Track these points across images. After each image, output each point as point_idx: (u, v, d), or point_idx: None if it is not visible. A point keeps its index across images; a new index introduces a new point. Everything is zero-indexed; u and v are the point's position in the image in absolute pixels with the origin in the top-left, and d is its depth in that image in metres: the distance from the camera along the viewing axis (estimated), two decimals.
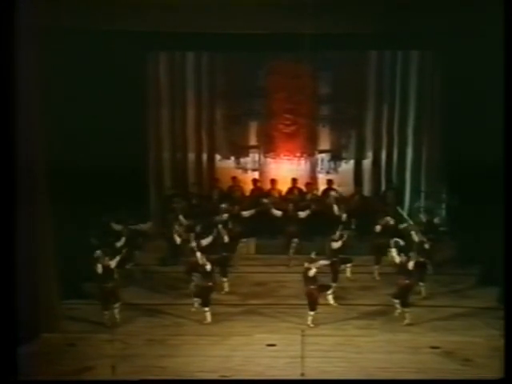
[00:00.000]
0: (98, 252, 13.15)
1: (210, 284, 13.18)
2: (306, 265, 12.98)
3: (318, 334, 12.44)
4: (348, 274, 14.95)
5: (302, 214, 16.20)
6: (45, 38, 12.25)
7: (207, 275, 13.18)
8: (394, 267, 14.15)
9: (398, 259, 13.20)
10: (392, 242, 13.88)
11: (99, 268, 12.82)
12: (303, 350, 11.46)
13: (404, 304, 13.01)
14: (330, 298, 13.57)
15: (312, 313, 12.81)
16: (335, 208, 16.24)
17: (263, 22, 14.54)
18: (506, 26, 10.58)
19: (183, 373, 11.03)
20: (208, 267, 13.10)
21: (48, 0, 12.17)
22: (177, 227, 15.05)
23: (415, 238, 14.35)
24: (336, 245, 14.24)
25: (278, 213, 16.51)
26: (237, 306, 13.91)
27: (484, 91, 14.16)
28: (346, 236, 14.41)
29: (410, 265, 12.95)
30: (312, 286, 12.85)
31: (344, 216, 15.65)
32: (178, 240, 14.65)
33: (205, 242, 14.18)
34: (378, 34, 15.21)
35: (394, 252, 13.38)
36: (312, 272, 12.79)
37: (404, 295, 13.02)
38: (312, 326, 12.71)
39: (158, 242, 16.58)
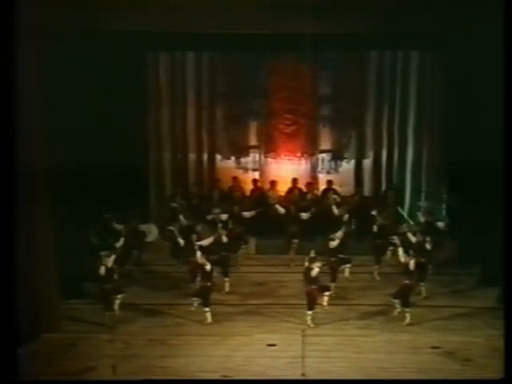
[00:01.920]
0: (103, 253, 13.12)
1: (209, 284, 13.16)
2: (307, 264, 12.94)
3: (318, 334, 12.44)
4: (347, 274, 14.89)
5: (305, 216, 16.17)
6: (45, 38, 12.25)
7: (207, 275, 13.17)
8: (394, 267, 14.22)
9: (403, 258, 13.17)
10: (397, 240, 13.85)
11: (102, 270, 12.79)
12: (304, 350, 11.46)
13: (404, 304, 13.00)
14: (325, 300, 13.42)
15: (310, 312, 12.78)
16: (334, 209, 16.22)
17: (263, 22, 14.55)
18: (506, 26, 10.58)
19: (184, 373, 11.02)
20: (208, 267, 13.09)
21: (48, 0, 12.18)
22: (175, 229, 15.01)
23: (412, 239, 14.29)
24: (333, 244, 14.21)
25: (281, 210, 16.46)
26: (237, 306, 13.91)
27: (484, 91, 14.15)
28: (342, 235, 14.36)
29: (411, 265, 12.95)
30: (313, 286, 12.82)
31: (346, 216, 15.64)
32: (181, 242, 14.61)
33: (206, 242, 14.17)
34: (378, 34, 15.22)
35: (400, 251, 13.34)
36: (315, 272, 12.74)
37: (404, 295, 13.02)
38: (312, 325, 12.70)
39: (157, 242, 16.56)
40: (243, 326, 12.94)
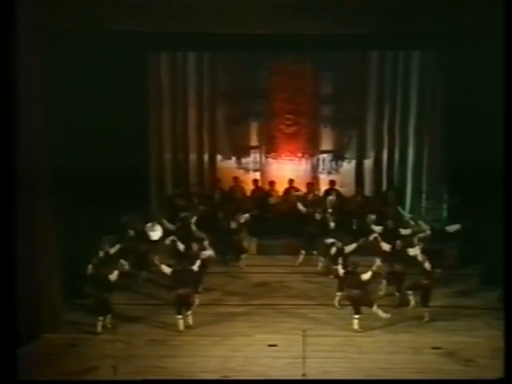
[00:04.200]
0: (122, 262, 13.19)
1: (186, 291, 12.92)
2: (345, 269, 12.96)
3: (319, 334, 12.42)
4: (336, 303, 13.84)
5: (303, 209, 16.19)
6: (45, 38, 12.24)
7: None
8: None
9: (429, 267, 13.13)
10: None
11: (114, 275, 12.80)
12: (304, 350, 11.45)
13: (424, 304, 13.05)
14: (379, 310, 12.91)
15: (357, 316, 12.62)
16: (328, 214, 16.04)
17: (264, 22, 14.51)
18: (507, 27, 10.56)
19: (184, 373, 11.00)
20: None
21: (49, 0, 12.17)
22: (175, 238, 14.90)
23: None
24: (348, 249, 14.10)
25: (303, 209, 16.37)
26: (238, 307, 13.89)
27: (485, 91, 14.13)
28: (356, 247, 14.18)
29: (427, 265, 13.02)
30: (357, 291, 12.64)
31: (332, 224, 15.57)
32: (181, 247, 14.46)
33: (207, 253, 13.93)
34: (379, 35, 15.19)
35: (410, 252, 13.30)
36: (367, 275, 12.61)
37: (425, 295, 13.09)
38: (360, 330, 12.55)
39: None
40: (244, 327, 12.92)
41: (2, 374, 8.95)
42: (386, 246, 14.15)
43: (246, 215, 16.11)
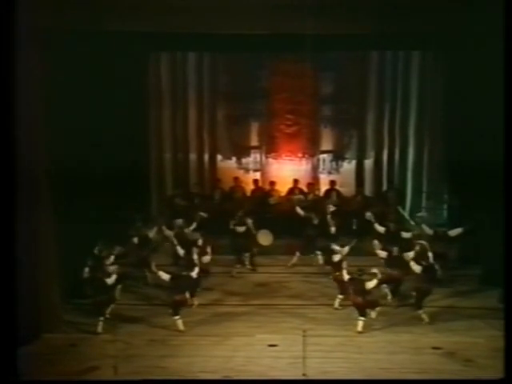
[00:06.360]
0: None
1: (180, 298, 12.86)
2: (349, 275, 12.85)
3: (319, 334, 12.41)
4: (336, 305, 13.81)
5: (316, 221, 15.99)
6: (46, 38, 12.24)
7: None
8: None
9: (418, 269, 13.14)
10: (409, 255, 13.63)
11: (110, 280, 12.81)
12: (305, 350, 11.44)
13: (417, 306, 13.06)
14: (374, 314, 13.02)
15: (363, 318, 12.55)
16: (329, 219, 15.85)
17: (264, 22, 14.55)
18: (507, 27, 10.56)
19: (185, 373, 10.99)
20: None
21: (49, 0, 12.17)
22: (174, 239, 14.86)
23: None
24: (337, 258, 13.83)
25: (301, 212, 16.27)
26: (238, 307, 13.89)
27: (485, 91, 14.13)
28: (348, 250, 13.93)
29: (417, 269, 13.04)
30: (361, 298, 12.53)
31: (333, 229, 15.47)
32: (181, 252, 14.37)
33: (205, 259, 13.91)
34: (379, 35, 15.21)
35: (413, 265, 13.22)
36: (372, 283, 12.55)
37: (417, 298, 13.13)
38: (363, 331, 12.49)
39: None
40: (244, 327, 12.91)
41: (2, 374, 8.96)
42: (382, 254, 14.08)
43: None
